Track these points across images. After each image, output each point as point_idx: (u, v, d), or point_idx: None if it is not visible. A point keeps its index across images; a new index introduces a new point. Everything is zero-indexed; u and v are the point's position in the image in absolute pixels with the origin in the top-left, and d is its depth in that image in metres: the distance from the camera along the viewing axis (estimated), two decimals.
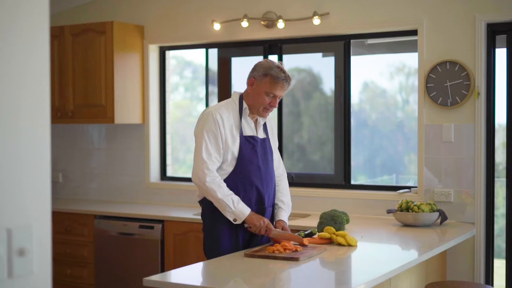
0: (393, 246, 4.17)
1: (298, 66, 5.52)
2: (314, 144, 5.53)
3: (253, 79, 3.73)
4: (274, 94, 3.69)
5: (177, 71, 6.00)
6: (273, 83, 3.68)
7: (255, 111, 3.75)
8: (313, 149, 5.52)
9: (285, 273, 3.22)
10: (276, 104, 3.73)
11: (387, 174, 5.85)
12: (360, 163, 5.57)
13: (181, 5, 5.74)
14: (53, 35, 5.87)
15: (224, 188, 3.64)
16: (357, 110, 5.49)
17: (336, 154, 5.32)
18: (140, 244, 5.19)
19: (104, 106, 5.64)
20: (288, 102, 5.51)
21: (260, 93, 3.70)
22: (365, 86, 5.44)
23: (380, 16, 4.97)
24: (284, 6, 5.28)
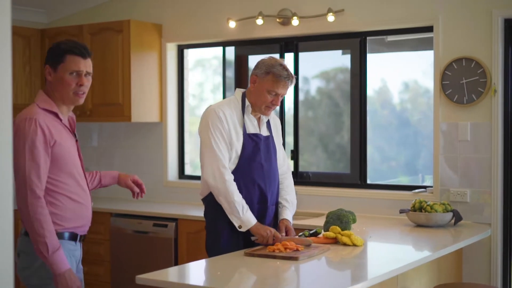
0: (401, 245, 4.09)
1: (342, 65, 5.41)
2: (355, 145, 5.43)
3: (255, 77, 3.69)
4: (276, 92, 3.64)
5: (218, 71, 5.95)
6: (275, 81, 3.63)
7: (257, 109, 3.71)
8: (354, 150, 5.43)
9: (282, 273, 3.17)
10: (278, 103, 3.68)
11: (429, 174, 5.76)
12: (401, 163, 5.47)
13: (198, 3, 5.73)
14: (71, 34, 5.91)
15: (238, 191, 3.60)
16: (399, 110, 5.38)
17: (352, 153, 5.25)
18: (154, 242, 5.19)
19: (122, 104, 5.65)
20: (328, 103, 5.42)
21: (262, 91, 3.65)
22: (406, 85, 5.32)
23: (396, 13, 4.88)
24: (299, 3, 5.23)
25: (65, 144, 3.06)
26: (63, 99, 3.09)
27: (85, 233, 3.20)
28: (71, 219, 3.09)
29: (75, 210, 3.10)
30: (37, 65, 6.05)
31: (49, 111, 3.05)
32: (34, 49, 6.03)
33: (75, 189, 3.10)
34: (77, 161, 3.15)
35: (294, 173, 5.42)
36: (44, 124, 2.98)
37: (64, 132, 3.10)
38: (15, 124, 2.95)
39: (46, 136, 2.98)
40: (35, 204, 2.93)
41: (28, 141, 2.95)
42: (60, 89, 3.07)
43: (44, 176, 2.97)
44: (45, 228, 2.93)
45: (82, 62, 3.08)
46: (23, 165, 2.95)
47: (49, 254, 2.93)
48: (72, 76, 3.06)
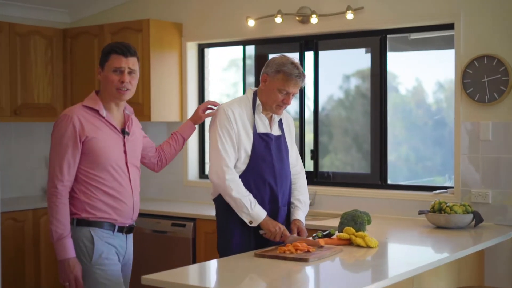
0: (418, 247, 4.01)
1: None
2: (390, 144, 5.34)
3: (266, 75, 3.64)
4: (287, 91, 3.59)
5: (252, 72, 5.90)
6: (286, 80, 3.57)
7: (268, 108, 3.66)
8: (389, 150, 5.34)
9: (290, 274, 3.11)
10: (289, 101, 3.63)
11: None
12: (437, 163, 5.37)
13: (218, 2, 5.70)
14: (93, 33, 5.93)
15: (242, 188, 3.56)
16: (435, 109, 5.28)
17: (372, 153, 5.17)
18: (172, 242, 5.17)
19: (141, 104, 5.64)
20: (364, 102, 5.34)
21: (273, 90, 3.60)
22: (440, 85, 5.22)
23: (416, 10, 4.79)
24: (318, 1, 5.16)
25: (102, 139, 3.28)
26: (109, 96, 3.34)
27: (125, 225, 3.39)
28: (104, 210, 3.30)
29: (108, 202, 3.31)
30: (59, 64, 6.07)
31: (90, 108, 3.30)
32: (56, 49, 6.05)
33: (110, 183, 3.31)
34: (118, 156, 3.34)
35: (314, 173, 5.36)
36: (78, 120, 3.23)
37: (104, 128, 3.32)
38: (56, 120, 3.30)
39: (77, 132, 3.22)
40: (50, 192, 3.23)
41: (58, 136, 3.25)
42: (105, 87, 3.34)
43: (68, 168, 3.23)
44: (54, 216, 3.21)
45: (124, 60, 3.32)
46: (50, 156, 3.27)
47: (54, 240, 3.22)
48: (115, 74, 3.31)
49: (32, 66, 5.86)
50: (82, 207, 3.29)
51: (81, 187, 3.28)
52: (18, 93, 5.77)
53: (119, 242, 3.38)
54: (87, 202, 3.27)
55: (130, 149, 3.42)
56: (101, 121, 3.32)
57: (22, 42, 5.79)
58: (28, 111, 5.85)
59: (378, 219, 4.75)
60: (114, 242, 3.35)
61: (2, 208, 5.43)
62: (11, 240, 5.39)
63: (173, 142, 3.78)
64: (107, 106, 3.37)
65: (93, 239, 3.27)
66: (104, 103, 3.36)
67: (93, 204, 3.28)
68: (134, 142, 3.46)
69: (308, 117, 5.44)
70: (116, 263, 3.35)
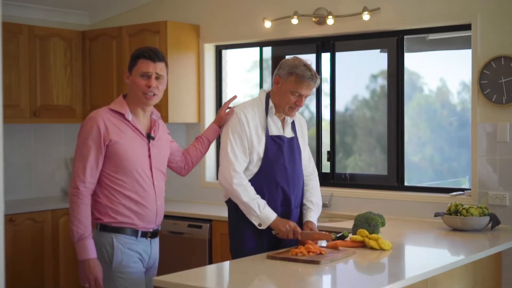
0: (433, 249, 3.98)
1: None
2: (414, 145, 5.33)
3: (278, 78, 3.64)
4: (300, 93, 3.58)
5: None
6: (299, 82, 3.57)
7: (281, 110, 3.65)
8: (413, 150, 5.33)
9: (302, 276, 3.10)
10: (302, 103, 3.62)
11: None
12: (463, 164, 5.34)
13: (234, 3, 5.71)
14: (111, 35, 5.97)
15: (250, 191, 3.57)
16: (460, 110, 5.24)
17: (389, 154, 5.14)
18: (188, 243, 5.18)
19: (159, 105, 5.63)
20: (390, 102, 5.32)
21: (285, 92, 3.59)
22: (464, 85, 5.18)
23: (433, 11, 4.76)
24: (335, 2, 5.15)
25: (126, 144, 3.30)
26: (135, 100, 3.36)
27: (149, 230, 3.39)
28: (126, 215, 3.32)
29: (130, 207, 3.32)
30: (78, 66, 6.12)
31: (116, 112, 3.32)
32: (75, 50, 6.10)
33: (132, 187, 3.32)
34: (142, 160, 3.35)
35: (330, 175, 5.35)
36: (103, 123, 3.26)
37: (129, 132, 3.34)
38: (83, 122, 3.34)
39: (102, 135, 3.25)
40: (72, 192, 3.26)
41: (82, 138, 3.29)
42: (132, 91, 3.37)
43: (91, 170, 3.26)
44: (75, 216, 3.24)
45: (152, 65, 3.33)
46: (75, 157, 3.32)
47: (75, 240, 3.24)
48: (142, 78, 3.33)
49: (51, 68, 5.91)
50: (104, 211, 3.31)
51: (104, 191, 3.31)
52: (37, 94, 5.82)
53: (142, 247, 3.38)
54: (109, 207, 3.29)
55: (155, 154, 3.42)
56: (126, 125, 3.34)
57: (42, 44, 5.84)
58: (47, 113, 5.90)
59: (394, 221, 4.73)
60: (137, 247, 3.35)
61: (22, 209, 5.49)
62: (30, 241, 5.44)
63: (199, 145, 3.80)
64: (134, 110, 3.38)
65: (113, 245, 3.29)
66: (130, 107, 3.37)
67: (116, 208, 3.30)
68: (159, 147, 3.47)
69: (343, 118, 5.42)
70: (137, 271, 3.35)
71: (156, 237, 3.48)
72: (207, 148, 3.84)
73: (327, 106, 5.39)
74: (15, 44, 5.66)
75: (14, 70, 5.66)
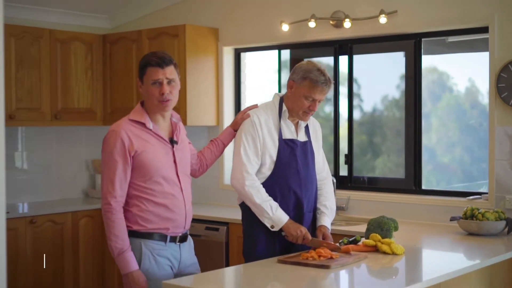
0: (447, 253, 3.97)
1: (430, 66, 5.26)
2: (444, 146, 5.30)
3: (292, 82, 3.64)
4: (313, 98, 3.58)
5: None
6: (312, 87, 3.57)
7: (294, 114, 3.66)
8: (442, 151, 5.30)
9: (311, 281, 3.10)
10: (316, 108, 3.62)
11: None
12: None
13: (253, 7, 5.73)
14: (131, 39, 6.02)
15: (263, 193, 3.58)
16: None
17: (406, 158, 5.12)
18: (206, 246, 5.20)
19: (177, 108, 5.64)
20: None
21: (299, 97, 3.60)
22: None
23: (450, 13, 4.73)
24: (352, 5, 5.14)
25: (151, 152, 3.30)
26: (153, 108, 3.35)
27: (177, 235, 3.39)
28: (155, 222, 3.32)
29: (160, 213, 3.32)
30: (99, 69, 6.18)
31: (137, 121, 3.31)
32: (96, 54, 6.16)
33: (161, 194, 3.32)
34: (168, 167, 3.35)
35: (348, 178, 5.34)
36: (126, 136, 3.26)
37: (152, 141, 3.33)
38: (105, 136, 3.33)
39: (126, 147, 3.25)
40: (105, 209, 3.27)
41: (107, 153, 3.28)
42: (148, 100, 3.35)
43: (120, 184, 3.26)
44: (111, 232, 3.25)
45: (161, 71, 3.30)
46: (102, 173, 3.31)
47: (115, 256, 3.26)
48: (154, 86, 3.31)
49: (72, 71, 5.98)
50: (134, 219, 3.31)
51: (134, 200, 3.31)
52: (58, 97, 5.89)
53: (172, 252, 3.37)
54: (139, 215, 3.30)
55: (180, 158, 3.42)
56: (148, 134, 3.33)
57: (63, 48, 5.91)
58: (68, 115, 5.97)
59: (410, 225, 4.71)
60: (166, 253, 3.35)
61: (42, 211, 5.56)
62: (50, 242, 5.51)
63: (214, 148, 3.81)
64: (153, 117, 3.37)
65: (142, 252, 3.30)
66: (150, 114, 3.36)
67: (145, 216, 3.30)
68: (182, 150, 3.47)
69: (358, 119, 5.41)
70: (164, 277, 3.32)
71: (185, 241, 3.46)
72: (221, 151, 3.85)
73: (356, 107, 5.36)
74: (36, 48, 5.74)
75: (36, 73, 5.73)
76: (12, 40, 5.58)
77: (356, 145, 5.37)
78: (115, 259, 3.26)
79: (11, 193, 5.94)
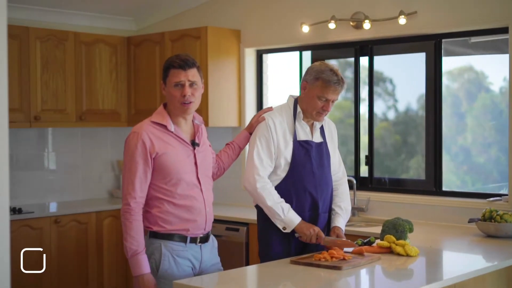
0: (463, 254, 3.95)
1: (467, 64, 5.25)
2: (479, 146, 5.28)
3: (305, 83, 3.67)
4: (326, 98, 3.59)
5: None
6: (325, 87, 3.58)
7: (308, 115, 3.68)
8: (478, 152, 5.28)
9: (321, 282, 3.12)
10: (329, 108, 3.63)
11: None
12: None
13: (274, 8, 5.75)
14: (154, 41, 6.09)
15: (274, 195, 3.60)
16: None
17: (427, 159, 5.10)
18: (226, 246, 5.24)
19: (199, 109, 5.71)
20: (455, 102, 5.29)
21: (312, 97, 3.62)
22: None
23: (469, 14, 4.70)
24: (372, 6, 5.13)
25: (172, 154, 3.31)
26: (174, 110, 3.37)
27: (197, 236, 3.41)
28: (175, 222, 3.33)
29: (180, 215, 3.33)
30: (123, 71, 6.26)
31: (159, 124, 3.33)
32: (120, 56, 6.24)
33: (182, 196, 3.33)
34: (189, 169, 3.37)
35: (369, 179, 5.34)
36: (147, 138, 3.28)
37: (173, 143, 3.35)
38: (127, 137, 3.36)
39: (147, 149, 3.27)
40: (124, 209, 3.29)
41: (129, 153, 3.30)
42: (170, 102, 3.37)
43: (140, 185, 3.28)
44: (128, 233, 3.27)
45: (183, 73, 3.33)
46: (123, 174, 3.33)
47: (129, 257, 3.28)
48: (176, 88, 3.33)
49: (97, 73, 6.07)
50: (154, 221, 3.34)
51: (154, 202, 3.33)
52: (83, 99, 5.98)
53: (192, 253, 3.39)
54: (159, 217, 3.32)
55: (201, 161, 3.43)
56: (170, 136, 3.34)
57: (87, 50, 6.01)
58: (92, 117, 6.06)
59: (429, 226, 4.70)
60: (187, 254, 3.37)
61: (67, 210, 5.66)
62: (75, 242, 5.60)
63: (230, 151, 3.82)
64: (175, 119, 3.39)
65: (161, 253, 3.32)
66: (172, 116, 3.38)
67: (166, 218, 3.32)
68: (204, 153, 3.48)
69: (392, 119, 5.39)
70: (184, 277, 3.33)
71: (206, 242, 3.48)
72: (237, 155, 3.87)
73: (390, 107, 5.34)
74: (61, 51, 5.84)
75: (61, 76, 5.83)
76: (38, 43, 5.68)
77: (390, 145, 5.34)
78: (128, 260, 3.29)
79: (40, 193, 6.08)
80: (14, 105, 5.54)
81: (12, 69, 5.51)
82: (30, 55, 5.65)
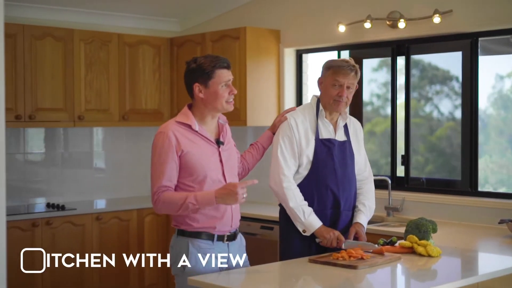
0: (486, 254, 3.91)
1: None
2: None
3: (320, 79, 3.74)
4: (339, 82, 3.62)
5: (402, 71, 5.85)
6: (336, 72, 3.64)
7: (328, 107, 3.70)
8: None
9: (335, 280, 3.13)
10: (344, 93, 3.63)
11: None
12: None
13: (312, 8, 5.77)
14: (196, 42, 6.18)
15: (297, 197, 3.63)
16: None
17: (463, 159, 5.03)
18: (261, 245, 5.29)
19: (238, 109, 5.80)
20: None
21: (327, 87, 3.68)
22: None
23: (506, 12, 4.62)
24: (407, 5, 5.10)
25: (197, 153, 3.36)
26: (217, 109, 3.42)
27: (224, 234, 3.44)
28: (201, 220, 3.36)
29: (206, 212, 3.35)
30: (166, 72, 6.38)
31: (183, 123, 3.38)
32: (163, 57, 6.36)
33: None
34: (214, 167, 3.41)
35: (405, 179, 5.30)
36: (173, 136, 3.32)
37: (198, 141, 3.39)
38: (153, 138, 3.41)
39: (174, 147, 3.31)
40: (154, 199, 3.33)
41: (157, 153, 3.35)
42: (213, 102, 3.39)
43: (169, 178, 3.30)
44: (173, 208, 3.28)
45: (228, 72, 3.44)
46: (151, 172, 3.37)
47: (196, 208, 3.26)
48: (224, 88, 3.39)
49: (140, 74, 6.21)
50: (182, 219, 3.39)
51: None
52: (126, 99, 6.13)
53: (219, 250, 3.41)
54: (186, 215, 3.34)
55: (226, 159, 3.47)
56: (195, 135, 3.38)
57: (131, 51, 6.15)
58: (136, 116, 6.20)
59: (462, 226, 4.65)
60: (214, 251, 3.39)
61: (108, 207, 5.81)
62: (116, 239, 5.73)
63: (255, 152, 3.86)
64: (203, 119, 3.42)
65: (188, 251, 3.35)
66: (198, 116, 3.42)
67: (193, 216, 3.34)
68: (229, 151, 3.52)
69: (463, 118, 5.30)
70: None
71: (234, 240, 3.51)
72: (261, 155, 3.90)
73: (457, 107, 5.28)
74: (105, 52, 5.99)
75: (104, 76, 5.99)
76: (82, 44, 5.85)
77: (457, 145, 5.27)
78: (200, 206, 3.24)
79: (88, 191, 6.25)
80: (58, 105, 5.72)
81: (57, 70, 5.70)
82: (74, 56, 5.82)
